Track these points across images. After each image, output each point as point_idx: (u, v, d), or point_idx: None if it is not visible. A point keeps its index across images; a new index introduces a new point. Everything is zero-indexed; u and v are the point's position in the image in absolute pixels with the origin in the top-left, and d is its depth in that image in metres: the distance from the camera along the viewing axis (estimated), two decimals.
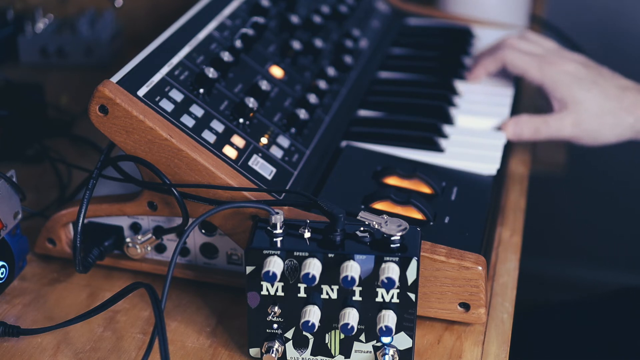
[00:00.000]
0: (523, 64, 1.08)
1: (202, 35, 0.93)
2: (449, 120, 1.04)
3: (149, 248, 0.85)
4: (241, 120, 0.87)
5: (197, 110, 0.83)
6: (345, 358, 0.75)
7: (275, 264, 0.71)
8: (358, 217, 0.73)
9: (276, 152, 0.87)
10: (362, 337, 0.74)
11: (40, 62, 1.35)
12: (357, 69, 1.12)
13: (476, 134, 1.02)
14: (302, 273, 0.70)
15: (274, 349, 0.74)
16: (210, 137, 0.82)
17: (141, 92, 0.80)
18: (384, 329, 0.72)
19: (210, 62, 0.90)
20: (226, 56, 0.90)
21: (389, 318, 0.72)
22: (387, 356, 0.74)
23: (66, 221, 0.86)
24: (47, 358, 0.77)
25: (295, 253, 0.71)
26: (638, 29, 1.80)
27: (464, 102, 1.10)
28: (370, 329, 0.73)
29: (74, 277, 0.88)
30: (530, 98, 1.21)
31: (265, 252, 0.71)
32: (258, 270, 0.72)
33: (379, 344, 0.74)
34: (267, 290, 0.73)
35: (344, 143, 0.97)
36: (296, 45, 1.02)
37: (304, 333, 0.74)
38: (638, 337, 1.20)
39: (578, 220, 2.02)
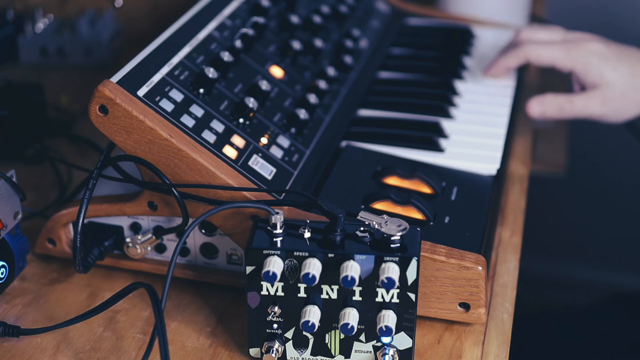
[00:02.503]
0: (550, 55, 1.06)
1: (202, 35, 0.93)
2: (449, 119, 1.04)
3: (149, 248, 0.85)
4: (241, 120, 0.87)
5: (197, 110, 0.83)
6: (345, 358, 0.75)
7: (275, 264, 0.71)
8: (358, 217, 0.73)
9: (276, 152, 0.87)
10: (362, 337, 0.74)
11: (40, 62, 1.35)
12: (357, 69, 1.12)
13: (476, 134, 1.02)
14: (302, 273, 0.70)
15: (274, 349, 0.74)
16: (210, 137, 0.82)
17: (141, 92, 0.80)
18: (384, 329, 0.72)
19: (210, 62, 0.90)
20: (226, 56, 0.90)
21: (389, 318, 0.72)
22: (387, 356, 0.74)
23: (66, 221, 0.86)
24: (47, 358, 0.77)
25: (295, 253, 0.71)
26: (638, 29, 1.80)
27: (464, 101, 1.10)
28: (370, 329, 0.73)
29: (74, 277, 0.88)
30: (532, 93, 1.21)
31: (265, 252, 0.71)
32: (258, 270, 0.72)
33: (379, 344, 0.74)
34: (267, 290, 0.73)
35: (344, 143, 0.97)
36: (296, 45, 1.02)
37: (304, 333, 0.74)
38: (636, 338, 1.20)
39: (578, 220, 2.02)
